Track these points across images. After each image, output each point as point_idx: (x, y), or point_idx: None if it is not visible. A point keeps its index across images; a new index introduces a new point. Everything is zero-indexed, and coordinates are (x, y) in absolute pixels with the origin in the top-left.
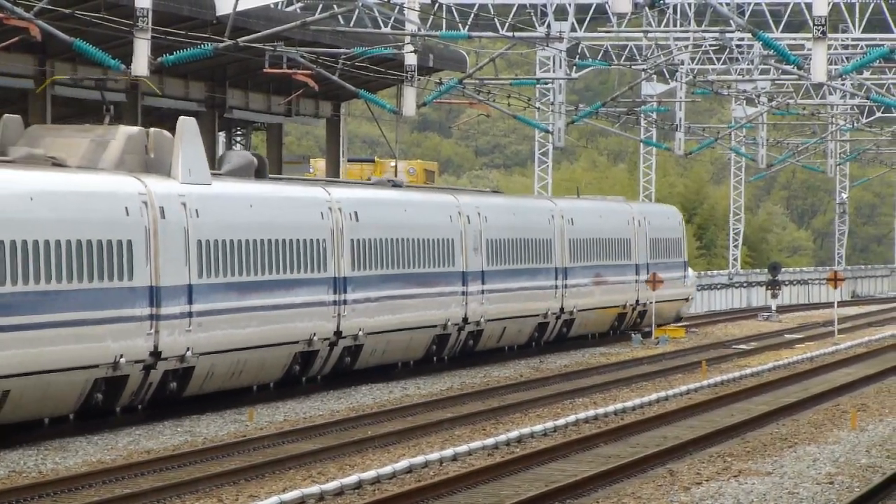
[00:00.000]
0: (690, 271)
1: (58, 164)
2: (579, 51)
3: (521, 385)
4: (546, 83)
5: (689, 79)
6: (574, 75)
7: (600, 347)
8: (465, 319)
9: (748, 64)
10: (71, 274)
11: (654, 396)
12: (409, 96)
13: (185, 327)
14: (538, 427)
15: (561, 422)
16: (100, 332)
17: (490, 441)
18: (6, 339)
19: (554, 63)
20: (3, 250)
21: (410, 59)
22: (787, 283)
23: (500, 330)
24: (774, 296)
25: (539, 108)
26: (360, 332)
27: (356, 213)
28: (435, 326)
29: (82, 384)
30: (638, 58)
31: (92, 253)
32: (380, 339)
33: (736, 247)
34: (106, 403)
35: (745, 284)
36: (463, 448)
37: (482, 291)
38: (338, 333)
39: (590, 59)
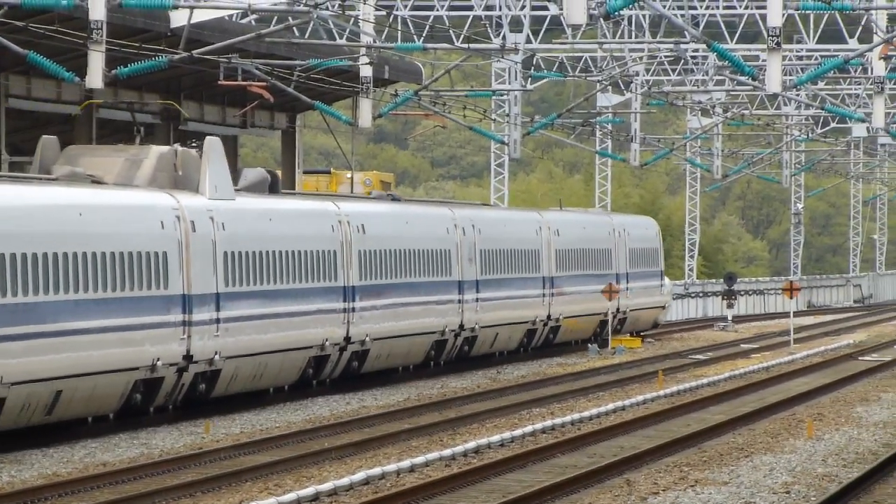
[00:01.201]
0: (667, 280)
1: (97, 181)
2: (534, 62)
3: (478, 396)
4: (501, 95)
5: (644, 90)
6: (529, 87)
7: (557, 358)
8: (461, 326)
9: (703, 75)
10: (115, 283)
11: (610, 406)
12: (365, 108)
13: (213, 332)
14: (495, 438)
15: (518, 432)
16: (140, 337)
17: (447, 452)
18: (61, 343)
19: (509, 74)
20: (65, 261)
21: (366, 71)
22: (742, 293)
23: (492, 336)
24: (730, 306)
25: (495, 119)
26: (367, 338)
27: (363, 225)
28: (434, 333)
29: (124, 385)
30: (593, 69)
31: (133, 264)
32: (385, 345)
33: (692, 257)
34: (144, 404)
35: (700, 294)
36: (420, 459)
37: (477, 299)
38: (347, 339)
39: (545, 71)
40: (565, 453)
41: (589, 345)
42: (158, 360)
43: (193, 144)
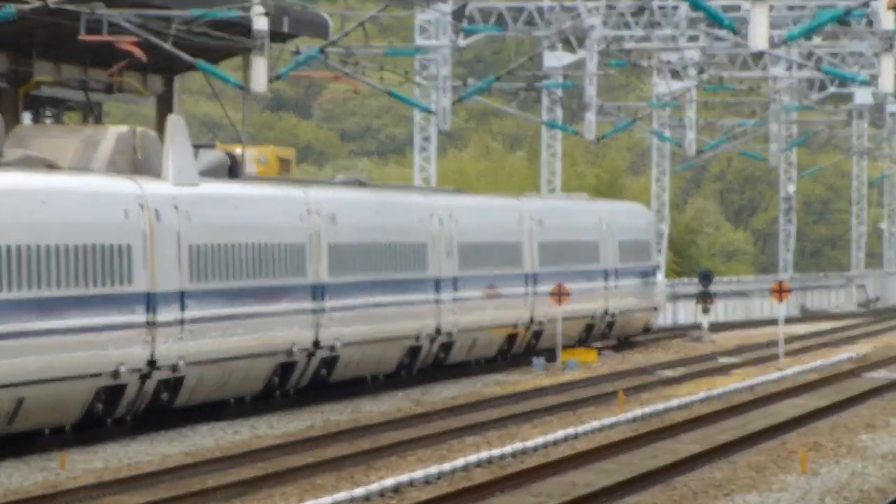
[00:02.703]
0: (660, 276)
1: (51, 165)
2: (467, 14)
3: (398, 422)
4: (427, 53)
5: (601, 48)
6: (462, 43)
7: (495, 375)
8: (437, 330)
9: (673, 29)
10: (77, 279)
11: (560, 434)
12: (259, 68)
13: (177, 335)
14: (419, 473)
15: (447, 466)
16: (103, 340)
17: (360, 491)
18: (19, 345)
19: (437, 28)
20: (18, 255)
21: (260, 24)
22: (721, 295)
23: (471, 341)
24: (706, 311)
25: (419, 83)
26: (338, 343)
27: (333, 215)
28: (409, 337)
29: (87, 393)
30: (539, 22)
31: (95, 258)
32: (356, 351)
33: (659, 251)
34: (105, 414)
35: (670, 297)
36: (326, 500)
37: (455, 299)
38: (316, 343)
39: (480, 24)
40: (505, 492)
41: (534, 359)
42: (122, 365)
43: (48, 115)
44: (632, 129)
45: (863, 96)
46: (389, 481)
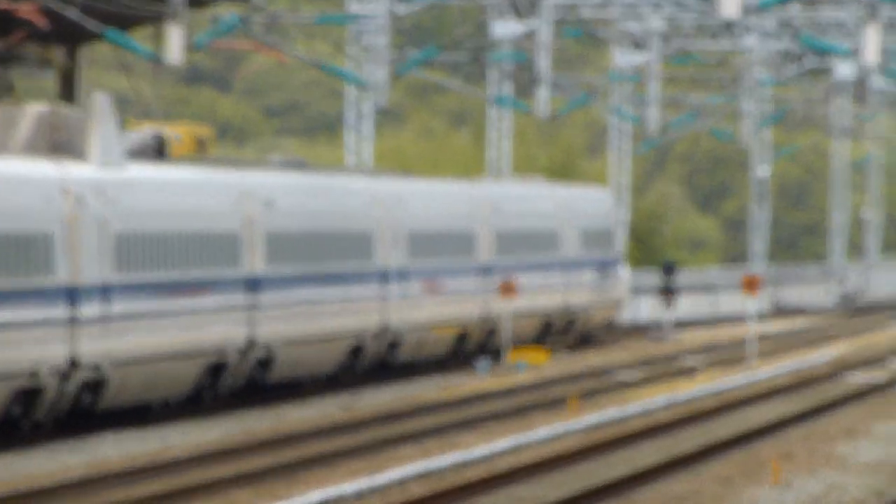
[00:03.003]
0: (623, 268)
1: None
2: None
3: (326, 431)
4: (361, 21)
5: (555, 16)
6: (400, 11)
7: (435, 377)
8: (383, 326)
9: None
10: None
11: (506, 443)
12: (174, 38)
13: (101, 333)
14: (348, 487)
15: (381, 479)
16: (21, 338)
17: None
18: None
19: None
20: None
21: None
22: (686, 288)
23: (421, 339)
24: (670, 306)
25: (352, 54)
26: (274, 342)
27: (270, 200)
28: (352, 335)
29: (3, 396)
30: None
31: (13, 247)
32: (294, 350)
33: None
34: (24, 418)
35: (630, 291)
36: None
37: (402, 293)
38: (250, 342)
39: None
40: None
41: (478, 360)
42: (41, 365)
43: None
44: (589, 106)
45: (845, 70)
46: (315, 496)
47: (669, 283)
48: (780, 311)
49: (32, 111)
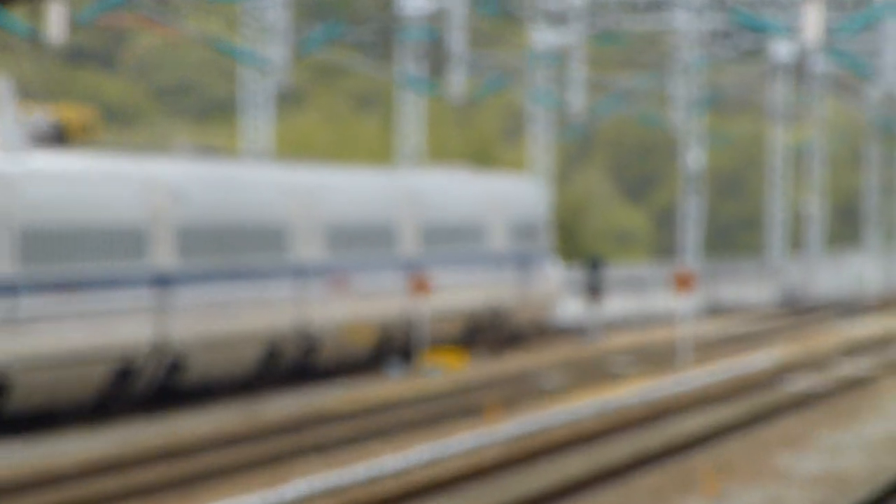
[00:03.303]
0: (554, 264)
1: None
2: None
3: (223, 443)
4: None
5: None
6: None
7: (342, 382)
8: (302, 325)
9: None
10: None
11: (419, 454)
12: (55, 15)
13: (6, 333)
14: (247, 502)
15: (287, 495)
16: None
17: None
18: None
19: None
20: None
21: None
22: (614, 285)
23: (342, 340)
24: (596, 305)
25: (249, 32)
26: (186, 343)
27: (180, 191)
28: (266, 337)
29: None
30: None
31: None
32: (208, 352)
33: None
34: None
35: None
36: None
37: (322, 291)
38: (159, 344)
39: None
40: None
41: (389, 365)
42: None
43: None
44: (506, 90)
45: (784, 51)
46: None
47: (596, 280)
48: (717, 310)
49: None
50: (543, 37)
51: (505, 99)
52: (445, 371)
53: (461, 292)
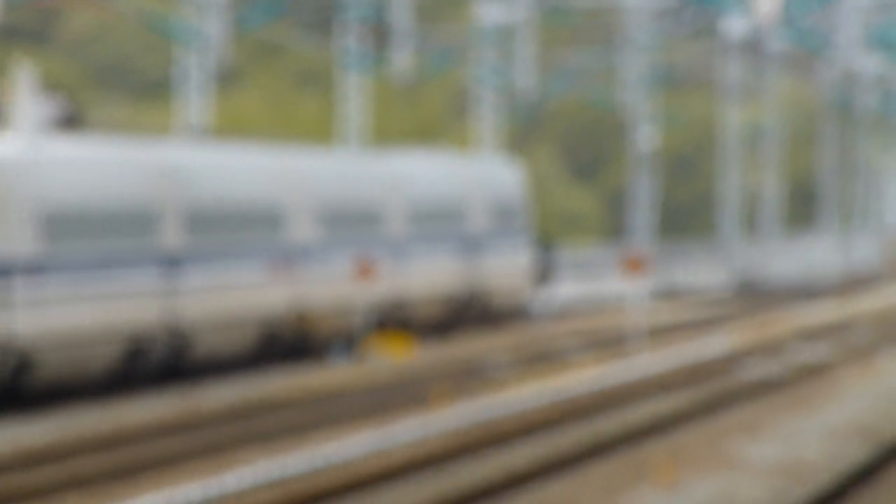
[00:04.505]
0: (532, 246)
1: None
2: None
3: (159, 431)
4: None
5: None
6: None
7: (281, 368)
8: (294, 305)
9: None
10: None
11: (363, 444)
12: None
13: (30, 311)
14: (185, 494)
15: (229, 484)
16: None
17: None
18: None
19: None
20: None
21: None
22: (564, 269)
23: (329, 319)
24: (546, 288)
25: (186, 8)
26: (194, 324)
27: (189, 176)
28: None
29: None
30: None
31: None
32: (212, 333)
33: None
34: None
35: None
36: None
37: (313, 275)
38: (170, 325)
39: None
40: None
41: (332, 350)
42: None
43: None
44: (454, 69)
45: (736, 28)
46: (148, 502)
47: (546, 264)
48: (670, 294)
49: None
50: (490, 12)
51: (452, 77)
52: (390, 357)
53: (443, 274)
